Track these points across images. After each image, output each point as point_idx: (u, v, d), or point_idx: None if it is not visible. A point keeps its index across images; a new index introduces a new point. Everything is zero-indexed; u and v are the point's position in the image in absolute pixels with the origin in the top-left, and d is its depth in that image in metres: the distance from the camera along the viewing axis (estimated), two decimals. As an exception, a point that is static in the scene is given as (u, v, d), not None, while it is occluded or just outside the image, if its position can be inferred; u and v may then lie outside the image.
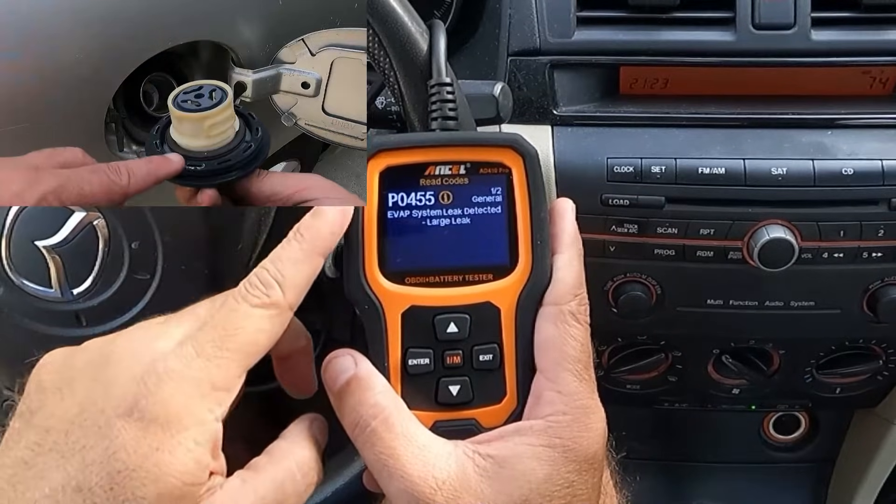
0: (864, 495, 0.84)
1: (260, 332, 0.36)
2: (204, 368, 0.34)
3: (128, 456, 0.33)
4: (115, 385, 0.34)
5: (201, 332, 0.35)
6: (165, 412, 0.34)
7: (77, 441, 0.34)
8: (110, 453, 0.33)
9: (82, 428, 0.34)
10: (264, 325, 0.36)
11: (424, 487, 0.36)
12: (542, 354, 0.39)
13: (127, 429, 0.33)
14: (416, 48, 0.43)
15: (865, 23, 0.62)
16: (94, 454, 0.33)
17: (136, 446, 0.33)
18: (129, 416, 0.33)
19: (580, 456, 0.37)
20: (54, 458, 0.34)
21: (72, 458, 0.33)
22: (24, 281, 0.47)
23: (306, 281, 0.37)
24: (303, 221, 0.38)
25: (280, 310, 0.36)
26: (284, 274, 0.37)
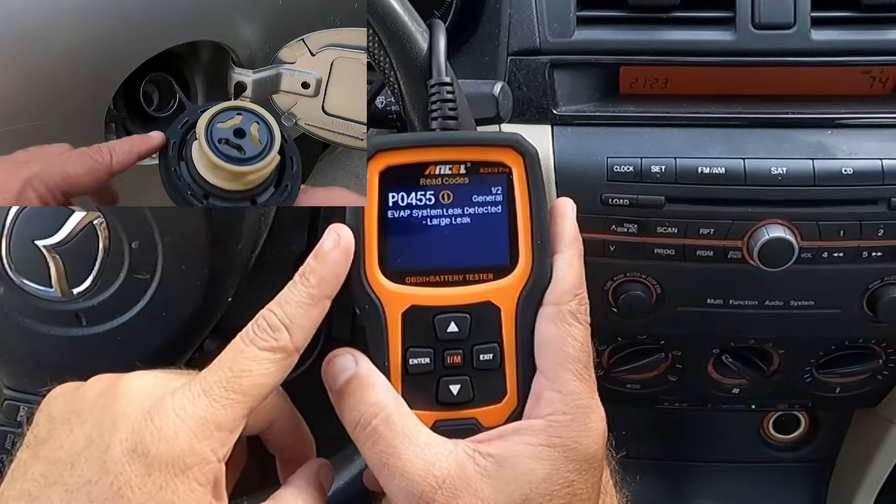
0: (864, 495, 0.84)
1: (266, 376, 0.36)
2: (209, 408, 0.35)
3: (132, 493, 0.33)
4: (123, 418, 0.34)
5: (209, 372, 0.36)
6: (170, 450, 0.34)
7: (82, 475, 0.34)
8: (115, 490, 0.33)
9: (88, 461, 0.34)
10: (271, 368, 0.36)
11: (425, 486, 0.36)
12: (543, 354, 0.39)
13: (132, 465, 0.33)
14: (416, 48, 0.43)
15: (865, 23, 0.62)
16: (99, 489, 0.33)
17: (141, 484, 0.33)
18: (133, 453, 0.33)
19: (580, 455, 0.37)
20: (59, 492, 0.34)
21: (76, 493, 0.33)
22: (24, 280, 0.47)
23: (313, 325, 0.38)
24: (308, 265, 0.38)
25: (287, 353, 0.37)
26: (292, 318, 0.37)
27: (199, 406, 0.35)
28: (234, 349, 0.36)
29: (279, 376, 0.37)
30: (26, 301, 0.48)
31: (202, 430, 0.34)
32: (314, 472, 0.41)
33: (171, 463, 0.33)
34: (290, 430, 0.43)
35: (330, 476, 0.42)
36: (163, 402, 0.35)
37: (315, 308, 0.37)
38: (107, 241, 0.47)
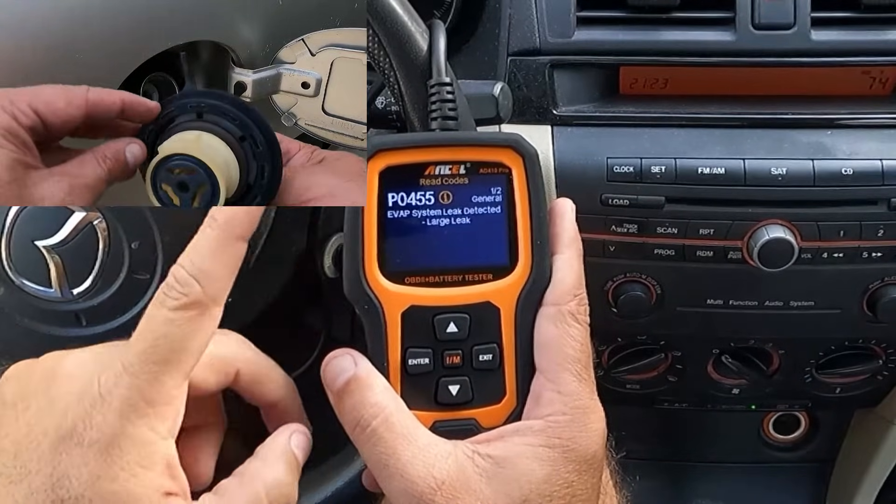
0: (864, 495, 0.84)
1: (186, 338, 0.33)
2: (133, 386, 0.32)
3: (70, 483, 0.32)
4: (58, 404, 0.33)
5: (127, 346, 0.33)
6: (102, 436, 0.32)
7: (24, 465, 0.32)
8: (54, 481, 0.32)
9: (28, 451, 0.33)
10: (187, 328, 0.33)
11: (424, 487, 0.36)
12: (542, 354, 0.39)
13: (68, 454, 0.32)
14: (416, 48, 0.43)
15: (865, 23, 0.62)
16: (39, 480, 0.32)
17: (78, 473, 0.32)
18: (69, 440, 0.32)
19: (580, 456, 0.37)
20: (3, 483, 0.33)
21: (19, 484, 0.32)
22: (24, 281, 0.47)
23: (229, 270, 0.34)
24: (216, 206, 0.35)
25: (203, 307, 0.34)
26: (202, 267, 0.34)
27: (122, 385, 0.32)
28: (147, 316, 0.33)
29: (203, 335, 0.34)
30: (26, 301, 0.48)
31: (132, 410, 0.32)
32: (284, 442, 0.38)
33: (105, 449, 0.32)
34: (261, 380, 0.40)
35: (306, 442, 0.39)
36: (91, 385, 0.33)
37: (226, 252, 0.34)
38: (107, 241, 0.47)
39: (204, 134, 0.42)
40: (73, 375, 0.34)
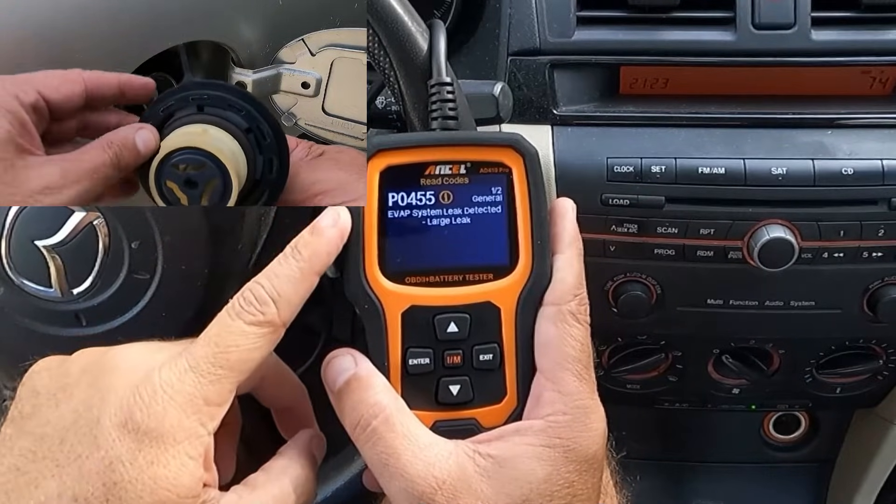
0: (864, 495, 0.84)
1: (253, 350, 0.36)
2: (197, 384, 0.35)
3: (124, 468, 0.33)
4: (112, 393, 0.35)
5: (196, 347, 0.36)
6: (160, 426, 0.34)
7: (73, 450, 0.34)
8: (106, 464, 0.33)
9: (77, 436, 0.34)
10: (258, 343, 0.36)
11: (425, 487, 0.36)
12: (543, 354, 0.39)
13: (123, 440, 0.33)
14: (416, 48, 0.43)
15: (865, 23, 0.62)
16: (91, 464, 0.33)
17: (132, 458, 0.33)
18: (124, 428, 0.34)
19: (580, 456, 0.37)
20: (49, 467, 0.34)
21: (67, 467, 0.33)
22: (24, 281, 0.47)
23: (301, 299, 0.37)
24: (301, 238, 0.38)
25: (274, 328, 0.36)
26: (280, 292, 0.36)
27: (187, 382, 0.34)
28: (220, 323, 0.36)
29: (266, 350, 0.36)
30: (26, 301, 0.48)
31: (190, 405, 0.34)
32: (305, 443, 0.41)
33: (161, 438, 0.34)
34: (279, 384, 0.43)
35: (322, 446, 0.41)
36: (150, 378, 0.34)
37: (304, 283, 0.37)
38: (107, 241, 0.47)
39: (210, 127, 0.41)
40: (124, 368, 0.36)
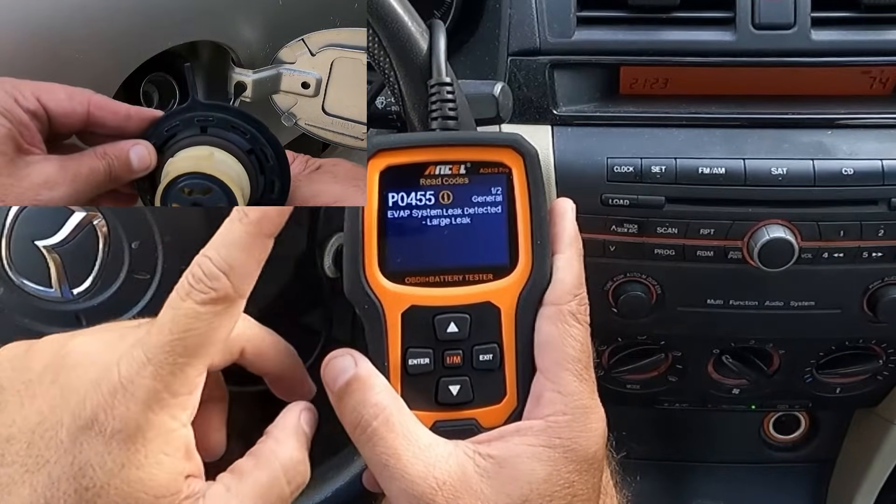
0: (864, 495, 0.84)
1: (212, 331, 0.33)
2: (157, 376, 0.33)
3: (94, 473, 0.32)
4: (73, 393, 0.33)
5: (149, 336, 0.33)
6: (125, 426, 0.32)
7: (41, 455, 0.33)
8: (76, 470, 0.32)
9: (44, 440, 0.33)
10: (215, 322, 0.33)
11: (425, 487, 0.36)
12: (543, 354, 0.39)
13: (89, 444, 0.32)
14: (416, 48, 0.43)
15: (865, 23, 0.62)
16: (60, 469, 0.32)
17: (101, 462, 0.32)
18: (90, 430, 0.32)
19: (580, 456, 0.37)
20: (19, 472, 0.33)
21: (37, 473, 0.32)
22: (24, 281, 0.47)
23: (257, 266, 0.34)
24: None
25: (230, 301, 0.34)
26: (231, 262, 0.33)
27: (145, 376, 0.32)
28: (171, 306, 0.33)
29: (228, 327, 0.34)
30: (26, 301, 0.48)
31: (155, 400, 0.32)
32: (294, 419, 0.39)
33: (130, 438, 0.32)
34: (263, 353, 0.41)
35: (313, 419, 0.39)
36: (109, 374, 0.33)
37: (256, 248, 0.34)
38: (107, 241, 0.47)
39: (217, 150, 0.40)
40: (84, 364, 0.34)
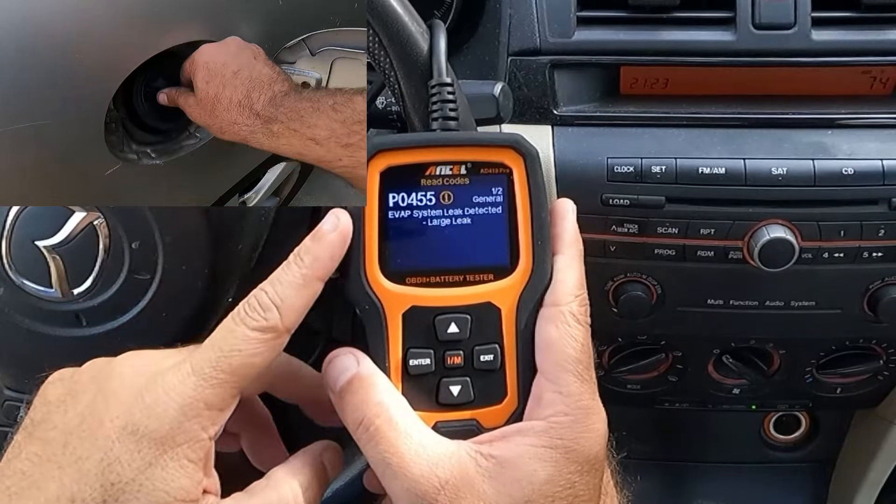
0: (865, 495, 0.84)
1: (255, 355, 0.36)
2: (198, 387, 0.35)
3: (122, 469, 0.34)
4: (116, 397, 0.35)
5: (199, 352, 0.36)
6: (159, 427, 0.34)
7: (74, 451, 0.34)
8: (105, 465, 0.34)
9: (80, 439, 0.35)
10: (260, 348, 0.36)
11: (427, 487, 0.36)
12: (543, 355, 0.39)
13: (122, 441, 0.34)
14: (416, 48, 0.43)
15: (865, 23, 0.62)
16: (89, 465, 0.34)
17: (130, 460, 0.34)
18: (124, 430, 0.34)
19: (581, 457, 0.37)
20: (51, 469, 0.34)
21: (68, 469, 0.34)
22: (25, 281, 0.47)
23: (305, 306, 0.37)
24: (304, 245, 0.38)
25: (277, 333, 0.36)
26: (283, 298, 0.37)
27: (188, 385, 0.35)
28: (224, 328, 0.36)
29: (269, 356, 0.37)
30: (26, 301, 0.48)
31: (191, 408, 0.35)
32: (316, 453, 0.40)
33: (161, 440, 0.34)
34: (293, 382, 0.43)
35: (336, 458, 0.41)
36: (153, 381, 0.35)
37: (307, 289, 0.37)
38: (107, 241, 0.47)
39: None
40: (129, 374, 0.36)
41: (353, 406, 0.38)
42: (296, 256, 0.38)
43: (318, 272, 0.37)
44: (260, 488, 0.38)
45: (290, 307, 0.37)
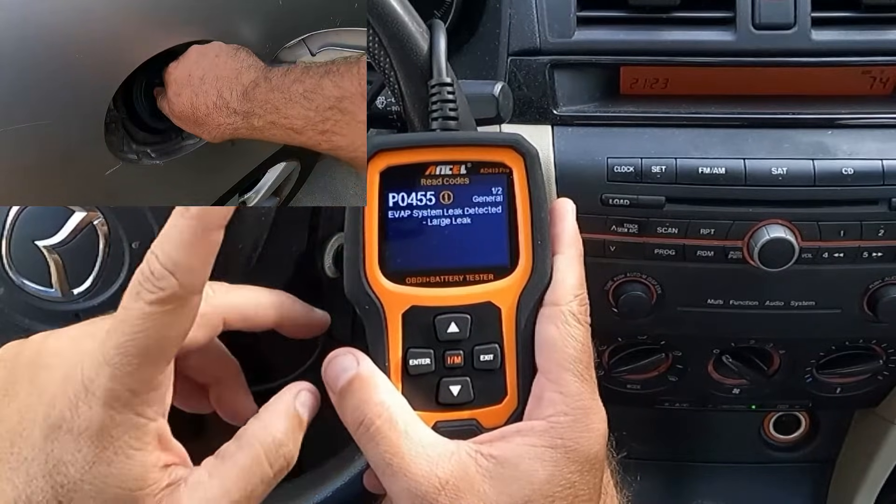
0: (865, 495, 0.84)
1: (164, 329, 0.32)
2: (114, 377, 0.32)
3: (67, 469, 0.32)
4: (45, 392, 0.34)
5: (107, 336, 0.33)
6: (90, 425, 0.32)
7: (20, 452, 0.33)
8: (50, 467, 0.33)
9: (23, 438, 0.33)
10: (167, 320, 0.32)
11: (428, 487, 0.36)
12: (543, 355, 0.39)
13: (59, 442, 0.33)
14: (416, 48, 0.43)
15: (865, 23, 0.62)
16: (35, 468, 0.33)
17: (73, 460, 0.32)
18: (58, 429, 0.33)
19: (582, 456, 0.37)
20: (3, 469, 0.33)
21: (18, 470, 0.33)
22: (25, 281, 0.47)
23: (206, 260, 0.33)
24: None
25: (180, 300, 0.32)
26: (176, 260, 0.32)
27: (104, 376, 0.32)
28: (123, 307, 0.32)
29: (183, 325, 0.33)
30: (26, 301, 0.48)
31: (116, 399, 0.32)
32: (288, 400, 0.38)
33: (96, 436, 0.32)
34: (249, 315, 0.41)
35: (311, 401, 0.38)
36: (74, 374, 0.33)
37: (203, 243, 0.32)
38: (107, 241, 0.47)
39: None
40: (55, 364, 0.34)
41: (354, 406, 0.38)
42: (179, 210, 0.32)
43: (208, 221, 0.32)
44: (231, 452, 0.35)
45: (187, 268, 0.32)
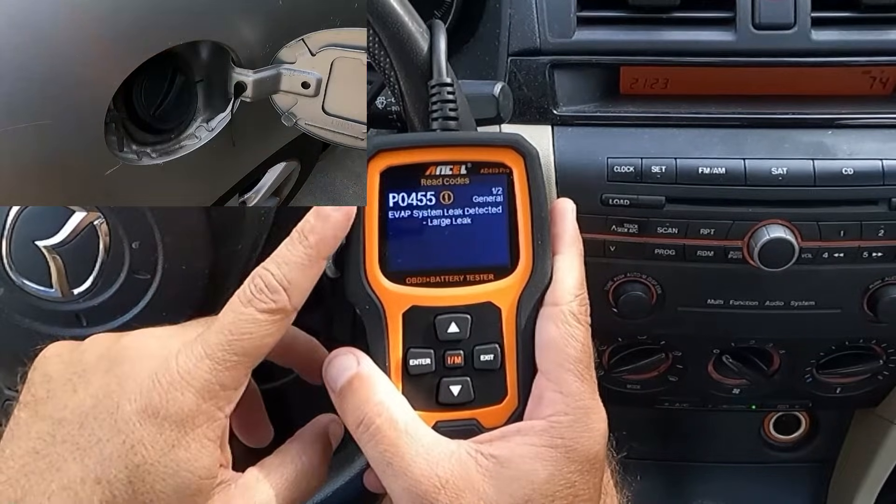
0: (865, 495, 0.84)
1: (266, 336, 0.37)
2: (213, 370, 0.36)
3: (146, 451, 0.34)
4: (130, 380, 0.36)
5: (210, 334, 0.36)
6: (179, 411, 0.35)
7: (93, 434, 0.35)
8: (128, 447, 0.34)
9: (98, 420, 0.35)
10: (271, 329, 0.37)
11: (428, 486, 0.36)
12: (544, 355, 0.39)
13: (143, 425, 0.35)
14: (416, 48, 0.43)
15: (865, 23, 0.62)
16: (112, 448, 0.35)
17: (153, 442, 0.35)
18: (144, 413, 0.35)
19: (582, 456, 0.37)
20: (69, 450, 0.35)
21: (89, 451, 0.35)
22: (25, 281, 0.47)
23: (311, 285, 0.38)
24: (305, 223, 0.38)
25: (286, 314, 0.37)
26: (290, 279, 0.37)
27: (203, 368, 0.36)
28: (232, 310, 0.37)
29: (278, 336, 0.37)
30: (26, 301, 0.47)
31: (208, 391, 0.36)
32: (321, 427, 0.42)
33: (181, 422, 0.35)
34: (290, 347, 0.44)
35: (338, 431, 0.42)
36: (168, 365, 0.36)
37: (312, 269, 0.37)
38: (107, 241, 0.47)
39: None
40: (142, 356, 0.37)
41: (354, 406, 0.38)
42: (300, 235, 0.38)
43: (322, 251, 0.37)
44: (275, 465, 0.39)
45: (297, 288, 0.37)
